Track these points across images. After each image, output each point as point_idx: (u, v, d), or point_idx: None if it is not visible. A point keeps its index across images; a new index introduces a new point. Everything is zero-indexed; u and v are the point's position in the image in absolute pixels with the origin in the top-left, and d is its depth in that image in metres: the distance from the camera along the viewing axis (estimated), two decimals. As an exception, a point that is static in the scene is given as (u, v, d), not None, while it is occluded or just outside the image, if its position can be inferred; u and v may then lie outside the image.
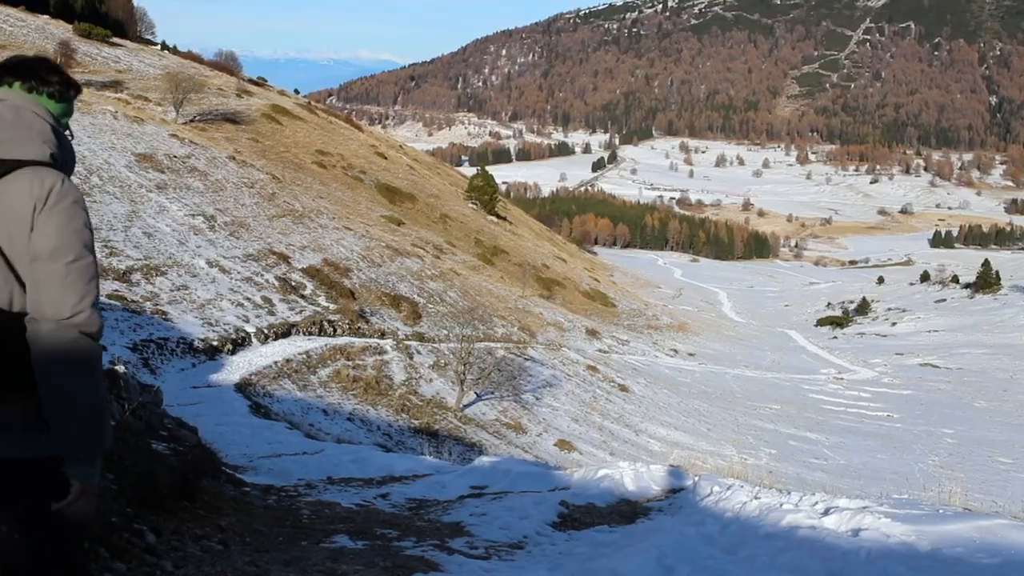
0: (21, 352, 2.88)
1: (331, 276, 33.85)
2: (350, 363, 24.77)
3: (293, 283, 29.52)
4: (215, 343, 21.09)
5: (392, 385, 25.05)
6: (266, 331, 23.71)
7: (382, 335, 30.41)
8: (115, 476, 6.25)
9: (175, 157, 38.32)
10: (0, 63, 3.22)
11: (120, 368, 10.50)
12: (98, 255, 21.52)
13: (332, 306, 30.43)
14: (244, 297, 25.60)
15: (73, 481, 2.98)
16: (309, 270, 32.70)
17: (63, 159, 3.15)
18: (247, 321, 23.80)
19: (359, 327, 30.00)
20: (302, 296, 29.35)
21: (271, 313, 25.46)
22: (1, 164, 2.93)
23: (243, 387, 18.61)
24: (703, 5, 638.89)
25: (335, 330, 28.00)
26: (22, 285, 2.91)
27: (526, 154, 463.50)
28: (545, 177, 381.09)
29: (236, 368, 20.14)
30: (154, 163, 35.62)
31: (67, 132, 3.29)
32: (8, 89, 3.14)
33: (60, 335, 2.83)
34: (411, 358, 28.61)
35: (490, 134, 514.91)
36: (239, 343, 22.15)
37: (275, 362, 21.39)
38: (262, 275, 28.75)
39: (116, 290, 21.24)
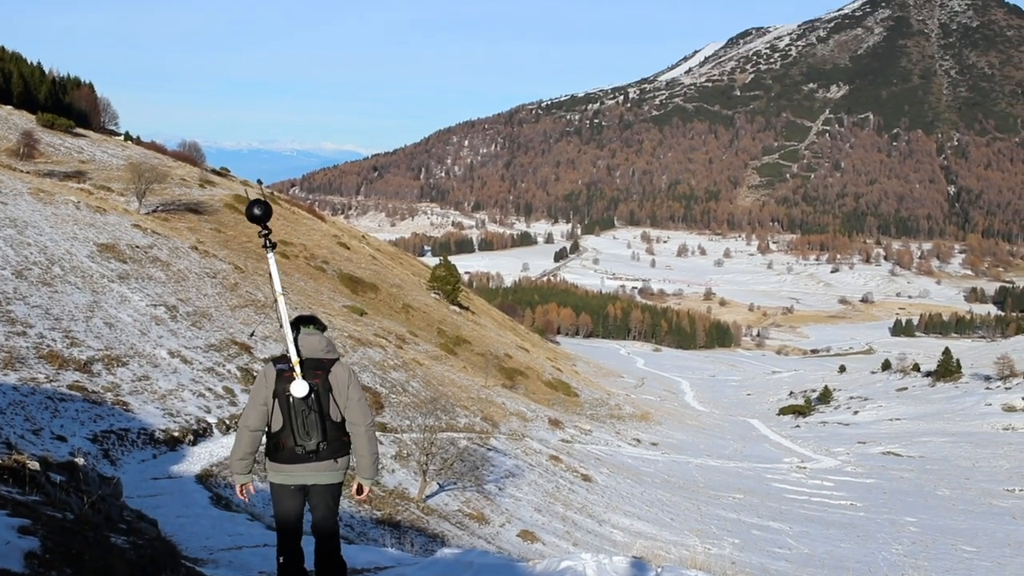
0: (344, 436, 7.26)
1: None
2: (312, 454, 24.71)
3: (255, 373, 29.41)
4: (176, 434, 20.94)
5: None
6: (228, 421, 23.55)
7: (344, 425, 30.33)
8: (72, 571, 6.19)
9: (137, 247, 38.27)
10: (302, 317, 7.31)
11: (80, 460, 10.43)
12: (59, 345, 21.51)
13: (294, 396, 30.34)
14: (206, 387, 25.48)
15: (366, 486, 7.54)
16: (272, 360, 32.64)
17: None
18: (209, 412, 23.67)
19: (321, 417, 29.90)
20: (264, 386, 29.24)
21: (233, 403, 25.33)
22: (331, 360, 7.20)
23: (204, 478, 18.46)
24: (664, 96, 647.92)
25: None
26: (337, 408, 7.18)
27: (489, 244, 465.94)
28: (508, 267, 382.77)
29: (197, 459, 19.99)
30: (116, 253, 35.55)
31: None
32: (313, 328, 7.31)
33: (369, 430, 7.28)
34: (373, 448, 28.55)
35: (453, 224, 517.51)
36: (200, 434, 22.00)
37: (236, 453, 21.25)
38: (224, 365, 28.64)
39: (77, 381, 21.08)
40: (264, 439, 7.28)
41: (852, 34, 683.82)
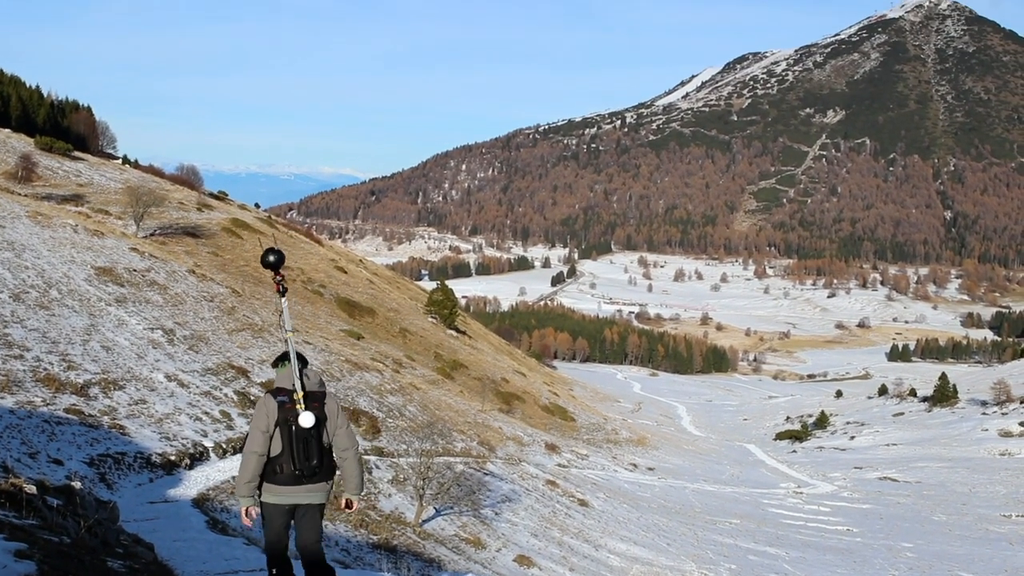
0: (331, 461, 8.26)
1: (290, 390, 33.65)
2: (308, 478, 24.62)
3: (252, 397, 29.36)
4: (173, 458, 20.89)
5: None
6: (224, 445, 23.51)
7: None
8: (70, 595, 6.18)
9: (135, 271, 38.27)
10: (300, 356, 8.16)
11: (76, 484, 10.45)
12: (56, 369, 21.50)
13: (291, 420, 30.25)
14: (203, 411, 25.44)
15: (355, 502, 8.61)
16: (268, 384, 32.59)
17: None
18: (205, 436, 23.62)
19: (318, 441, 29.80)
20: (261, 410, 29.16)
21: (229, 427, 25.29)
22: (322, 393, 8.18)
23: (200, 502, 18.42)
24: (661, 121, 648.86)
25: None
26: (328, 438, 8.18)
27: (486, 268, 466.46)
28: (505, 291, 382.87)
29: (194, 483, 19.96)
30: (114, 277, 35.56)
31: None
32: (307, 366, 8.26)
33: (356, 453, 8.37)
34: (370, 473, 28.49)
35: (450, 248, 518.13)
36: (197, 458, 21.96)
37: (233, 477, 21.21)
38: (221, 389, 28.62)
39: (74, 404, 21.06)
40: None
41: (849, 59, 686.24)
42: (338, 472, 8.51)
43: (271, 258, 8.10)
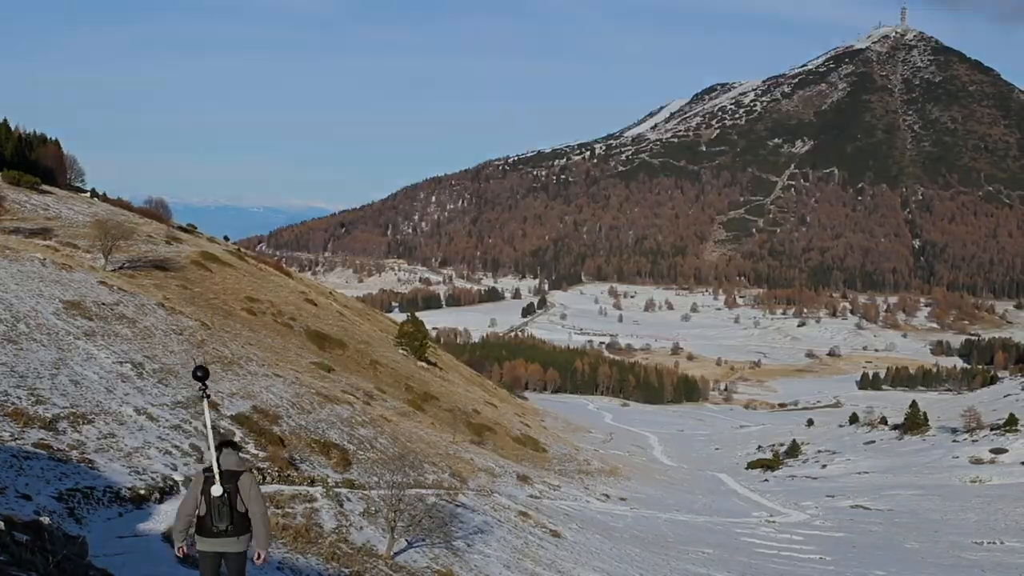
0: (246, 521, 10.59)
1: (260, 423, 33.52)
2: (279, 511, 24.46)
3: (222, 430, 29.18)
4: (143, 492, 20.70)
5: (322, 533, 24.73)
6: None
7: (312, 482, 30.07)
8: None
9: (103, 304, 38.07)
10: (225, 441, 11.06)
11: (45, 520, 10.37)
12: (24, 403, 21.33)
13: (261, 453, 30.11)
14: (172, 445, 25.23)
15: (262, 553, 10.72)
16: (238, 417, 32.43)
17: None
18: (175, 469, 23.44)
19: (288, 474, 29.66)
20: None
21: (200, 461, 25.05)
22: (240, 472, 10.76)
23: (171, 536, 18.29)
24: (630, 152, 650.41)
25: (264, 477, 27.66)
26: (243, 503, 10.56)
27: (456, 300, 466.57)
28: (475, 322, 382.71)
29: (164, 517, 19.77)
30: (82, 310, 35.36)
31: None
32: (231, 448, 10.91)
33: (263, 517, 10.73)
34: (341, 505, 28.31)
35: (420, 280, 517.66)
36: (167, 491, 21.77)
37: (203, 510, 21.01)
38: (191, 422, 28.40)
39: (42, 439, 20.88)
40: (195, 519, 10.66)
41: (816, 90, 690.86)
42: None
43: (199, 373, 11.19)
